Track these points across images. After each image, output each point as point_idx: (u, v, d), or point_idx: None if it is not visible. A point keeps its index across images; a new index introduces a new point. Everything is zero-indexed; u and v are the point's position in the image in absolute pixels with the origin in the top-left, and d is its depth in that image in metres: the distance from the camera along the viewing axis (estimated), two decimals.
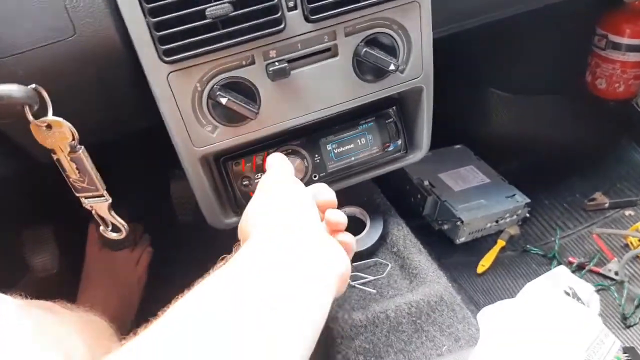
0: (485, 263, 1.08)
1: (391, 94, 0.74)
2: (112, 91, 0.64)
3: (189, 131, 0.66)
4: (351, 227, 0.60)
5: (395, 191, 1.04)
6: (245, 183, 0.74)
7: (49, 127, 0.54)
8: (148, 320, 0.40)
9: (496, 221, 1.14)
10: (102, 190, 0.59)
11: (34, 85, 0.52)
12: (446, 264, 1.05)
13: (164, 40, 0.58)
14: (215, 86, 0.63)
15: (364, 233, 0.89)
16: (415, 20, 0.69)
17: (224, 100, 0.62)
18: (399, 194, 1.13)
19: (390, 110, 0.78)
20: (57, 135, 0.54)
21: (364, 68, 0.69)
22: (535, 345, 0.67)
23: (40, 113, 0.53)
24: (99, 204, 0.60)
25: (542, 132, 1.36)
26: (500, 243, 1.13)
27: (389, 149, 0.79)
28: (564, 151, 1.33)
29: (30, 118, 0.52)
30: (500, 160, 1.28)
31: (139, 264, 1.11)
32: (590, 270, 1.03)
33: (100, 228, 0.64)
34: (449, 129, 1.11)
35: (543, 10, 0.94)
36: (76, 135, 0.55)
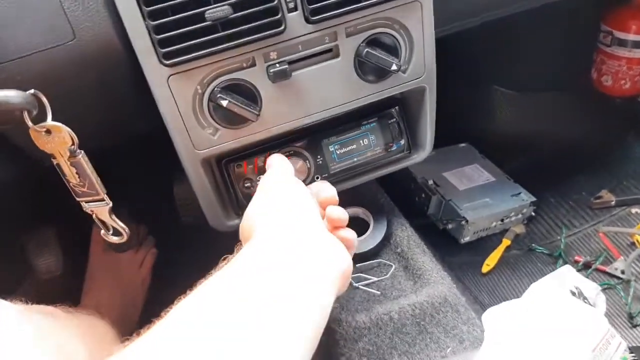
0: (490, 262, 1.08)
1: (393, 94, 0.73)
2: (113, 95, 0.64)
3: (190, 134, 0.65)
4: (355, 228, 0.60)
5: (399, 190, 1.04)
6: (247, 185, 0.74)
7: (48, 132, 0.53)
8: (151, 321, 0.40)
9: (501, 220, 1.13)
10: (103, 195, 0.59)
11: (32, 90, 0.52)
12: (451, 263, 1.04)
13: (163, 43, 0.58)
14: (216, 88, 0.63)
15: (367, 234, 0.89)
16: (417, 20, 0.69)
17: (224, 103, 0.62)
18: (403, 193, 1.12)
19: (393, 110, 0.77)
20: (57, 140, 0.54)
21: (366, 68, 0.69)
22: (541, 347, 0.67)
23: (39, 118, 0.53)
24: (99, 209, 0.60)
25: (547, 130, 1.35)
26: (506, 242, 1.12)
27: (392, 150, 0.79)
28: (570, 149, 1.32)
29: (29, 123, 0.52)
30: (505, 159, 1.26)
31: (143, 266, 1.12)
32: (597, 269, 1.02)
33: (102, 232, 0.63)
34: (453, 127, 1.11)
35: (547, 7, 0.93)
36: (76, 140, 0.54)
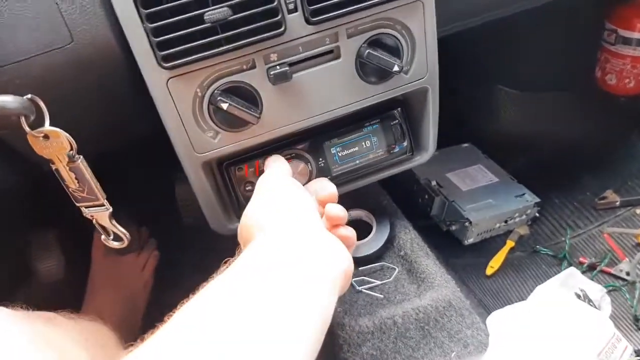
0: (494, 264, 1.07)
1: (396, 95, 0.73)
2: (111, 97, 0.63)
3: (190, 137, 0.65)
4: (357, 231, 0.59)
5: (402, 192, 1.03)
6: (248, 188, 0.73)
7: (46, 137, 0.53)
8: (155, 326, 0.40)
9: (505, 221, 1.12)
10: (103, 200, 0.58)
11: (29, 95, 0.51)
12: (454, 265, 1.03)
13: (162, 46, 0.57)
14: (215, 91, 0.62)
15: (370, 236, 0.88)
16: (419, 20, 0.68)
17: (225, 106, 0.61)
18: (405, 194, 1.12)
19: (395, 111, 0.77)
20: (55, 146, 0.53)
21: (367, 70, 0.68)
22: (546, 352, 0.66)
23: (37, 123, 0.52)
24: (99, 214, 0.60)
25: (551, 130, 1.34)
26: (510, 243, 1.11)
27: (394, 151, 0.78)
28: (574, 149, 1.31)
29: (27, 129, 0.51)
30: (509, 159, 1.26)
31: (145, 268, 1.11)
32: (602, 271, 1.01)
33: (102, 237, 0.63)
34: (456, 127, 1.10)
35: (550, 5, 0.92)
36: (74, 145, 0.54)
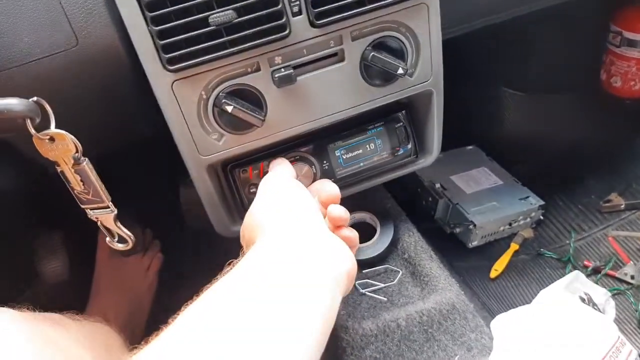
0: (498, 267, 1.06)
1: (400, 98, 0.72)
2: (117, 100, 0.64)
3: (195, 140, 0.65)
4: (361, 233, 0.60)
5: (406, 194, 1.03)
6: (252, 190, 0.73)
7: (51, 140, 0.53)
8: (159, 328, 0.40)
9: (509, 224, 1.12)
10: (108, 202, 0.59)
11: (35, 97, 0.51)
12: (458, 268, 1.03)
13: (167, 49, 0.57)
14: (220, 94, 0.62)
15: (374, 239, 0.88)
16: (423, 23, 0.68)
17: (229, 108, 0.61)
18: (409, 197, 1.11)
19: (400, 114, 0.77)
20: (61, 148, 0.53)
21: (372, 72, 0.68)
22: (551, 356, 0.66)
23: (42, 125, 0.52)
24: (104, 216, 0.60)
25: (556, 132, 1.34)
26: (514, 246, 1.11)
27: (398, 154, 0.78)
28: (578, 151, 1.30)
29: (32, 131, 0.51)
30: (513, 161, 1.25)
31: (149, 270, 1.11)
32: (606, 274, 1.01)
33: (107, 239, 0.63)
34: (461, 129, 1.10)
35: (555, 7, 0.92)
36: (80, 148, 0.54)
